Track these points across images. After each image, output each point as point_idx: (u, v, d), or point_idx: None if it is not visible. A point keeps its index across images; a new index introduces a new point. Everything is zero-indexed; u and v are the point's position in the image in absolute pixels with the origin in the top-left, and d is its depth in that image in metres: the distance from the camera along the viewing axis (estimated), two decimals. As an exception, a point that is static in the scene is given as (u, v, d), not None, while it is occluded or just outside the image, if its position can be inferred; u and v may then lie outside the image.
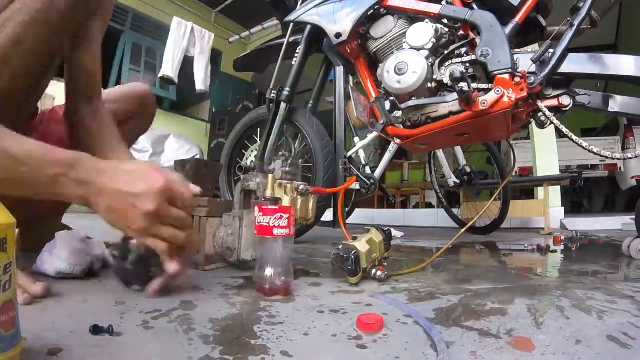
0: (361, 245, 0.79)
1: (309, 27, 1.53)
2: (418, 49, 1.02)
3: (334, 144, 1.65)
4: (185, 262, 0.59)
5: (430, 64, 1.00)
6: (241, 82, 5.80)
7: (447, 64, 1.02)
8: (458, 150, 2.32)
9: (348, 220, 2.70)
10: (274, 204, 0.71)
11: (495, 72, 0.95)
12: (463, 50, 1.02)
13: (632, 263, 1.18)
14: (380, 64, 1.10)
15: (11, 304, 0.35)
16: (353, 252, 0.77)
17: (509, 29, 0.98)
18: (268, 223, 0.67)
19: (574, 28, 0.92)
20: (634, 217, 1.36)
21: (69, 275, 0.70)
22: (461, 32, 1.03)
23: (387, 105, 1.11)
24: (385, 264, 0.90)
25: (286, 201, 0.82)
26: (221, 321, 0.52)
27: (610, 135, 4.56)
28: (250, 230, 0.81)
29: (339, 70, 1.85)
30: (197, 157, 4.48)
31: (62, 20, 0.58)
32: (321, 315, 0.56)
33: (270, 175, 0.83)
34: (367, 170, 2.08)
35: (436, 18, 1.05)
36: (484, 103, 0.94)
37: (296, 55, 1.55)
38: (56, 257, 0.70)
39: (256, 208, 0.69)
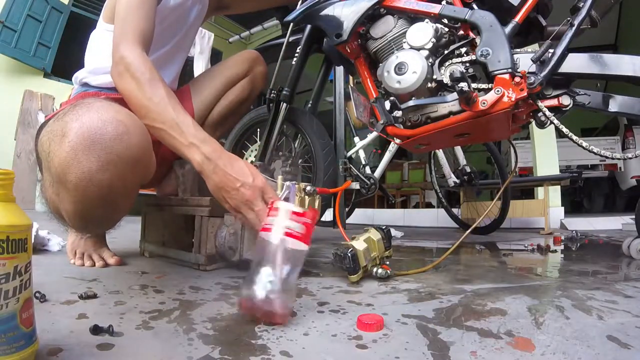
0: (358, 244, 0.80)
1: (309, 27, 1.53)
2: (418, 49, 1.02)
3: (334, 144, 1.65)
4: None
5: (430, 64, 1.00)
6: (241, 82, 5.79)
7: (447, 63, 1.02)
8: (458, 150, 2.32)
9: (348, 220, 2.70)
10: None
11: (495, 72, 0.95)
12: (463, 50, 1.02)
13: (632, 263, 1.18)
14: (380, 64, 1.10)
15: (31, 302, 0.35)
16: (350, 250, 0.78)
17: (509, 28, 0.98)
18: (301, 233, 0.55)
19: (574, 28, 0.92)
20: (634, 217, 1.36)
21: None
22: (461, 32, 1.03)
23: (387, 105, 1.11)
24: (388, 262, 0.91)
25: (295, 201, 0.83)
26: (221, 321, 0.52)
27: (610, 135, 4.56)
28: (252, 230, 0.81)
29: (339, 70, 1.85)
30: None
31: None
32: (321, 315, 0.56)
33: (279, 177, 0.84)
34: (367, 170, 2.08)
35: (436, 18, 1.05)
36: (484, 103, 0.94)
37: (296, 55, 1.55)
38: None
39: (286, 210, 0.56)
